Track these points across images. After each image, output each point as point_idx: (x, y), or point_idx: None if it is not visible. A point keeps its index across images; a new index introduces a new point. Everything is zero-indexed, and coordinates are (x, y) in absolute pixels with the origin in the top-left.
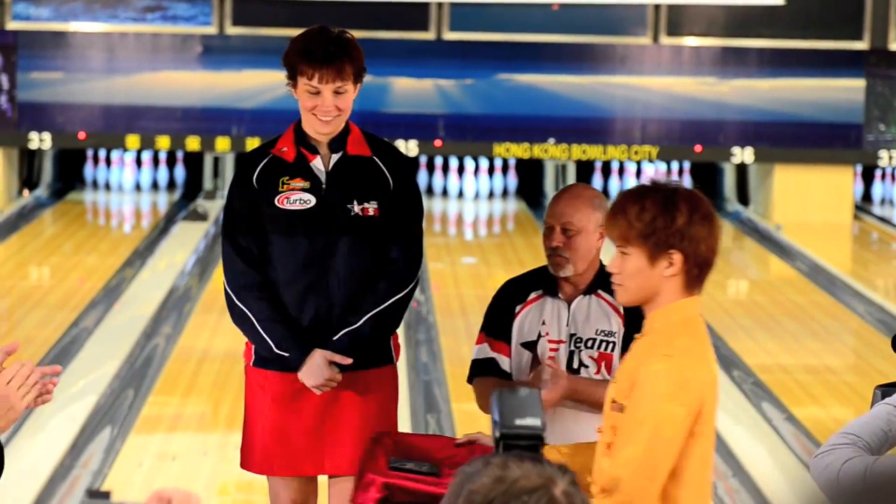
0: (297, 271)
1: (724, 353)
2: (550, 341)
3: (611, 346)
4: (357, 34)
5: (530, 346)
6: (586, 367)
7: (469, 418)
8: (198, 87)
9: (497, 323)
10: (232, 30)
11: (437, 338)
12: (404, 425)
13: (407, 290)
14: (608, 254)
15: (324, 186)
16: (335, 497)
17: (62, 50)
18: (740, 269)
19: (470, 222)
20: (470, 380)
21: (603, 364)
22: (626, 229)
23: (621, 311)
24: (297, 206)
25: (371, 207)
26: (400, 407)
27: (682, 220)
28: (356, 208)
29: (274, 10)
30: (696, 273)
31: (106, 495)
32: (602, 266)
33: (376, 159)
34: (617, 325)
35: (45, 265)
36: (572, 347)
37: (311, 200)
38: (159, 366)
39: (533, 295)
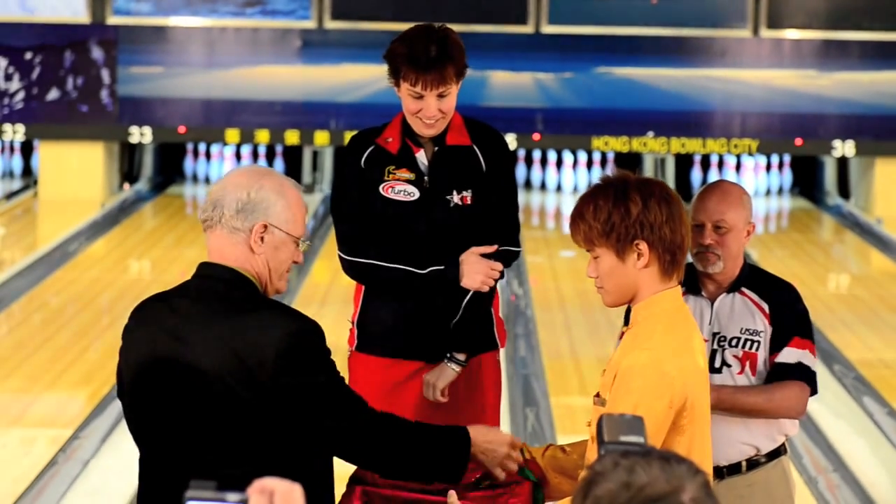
0: (398, 261)
1: (825, 348)
2: None
3: (756, 345)
4: (455, 28)
5: None
6: (729, 366)
7: (567, 412)
8: (297, 81)
9: None
10: (331, 24)
11: (536, 331)
12: (503, 419)
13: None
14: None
15: (426, 179)
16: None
17: (162, 44)
18: (841, 263)
19: (568, 216)
20: None
21: (747, 363)
22: (587, 232)
23: (767, 309)
24: (401, 197)
25: (468, 196)
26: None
27: (637, 209)
28: (455, 198)
29: (373, 4)
30: (670, 259)
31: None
32: (746, 263)
33: (475, 147)
34: (763, 325)
35: (146, 258)
36: (715, 346)
37: (416, 193)
38: None
39: None
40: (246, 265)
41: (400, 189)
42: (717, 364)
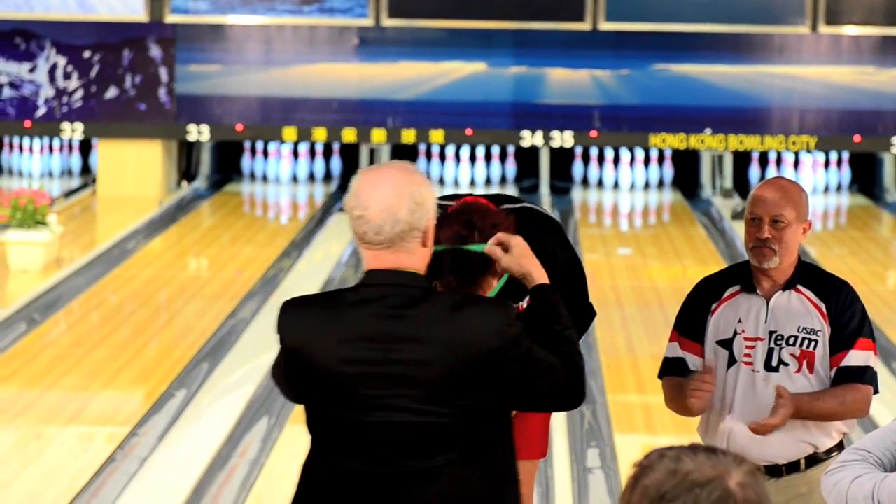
0: None
1: (883, 345)
2: (746, 339)
3: (814, 343)
4: (513, 25)
5: (726, 343)
6: (786, 364)
7: (625, 410)
8: (354, 78)
9: (689, 321)
10: (388, 21)
11: (593, 329)
12: (560, 417)
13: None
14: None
15: None
16: None
17: (220, 43)
18: None
19: (625, 213)
20: (660, 376)
21: (804, 362)
22: None
23: (824, 309)
24: None
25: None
26: None
27: None
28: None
29: (430, 2)
30: None
31: None
32: (801, 261)
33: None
34: (820, 323)
35: (204, 256)
36: (772, 345)
37: None
38: None
39: (729, 291)
40: (421, 267)
41: None
42: (774, 363)
